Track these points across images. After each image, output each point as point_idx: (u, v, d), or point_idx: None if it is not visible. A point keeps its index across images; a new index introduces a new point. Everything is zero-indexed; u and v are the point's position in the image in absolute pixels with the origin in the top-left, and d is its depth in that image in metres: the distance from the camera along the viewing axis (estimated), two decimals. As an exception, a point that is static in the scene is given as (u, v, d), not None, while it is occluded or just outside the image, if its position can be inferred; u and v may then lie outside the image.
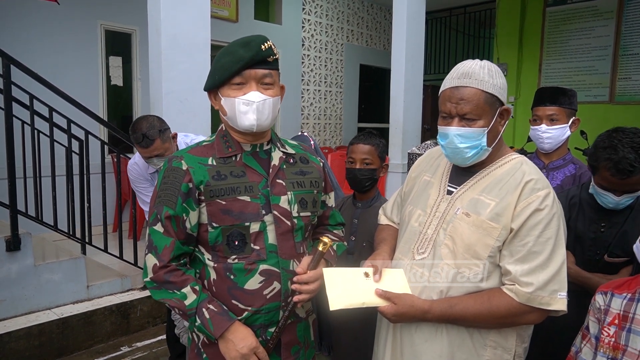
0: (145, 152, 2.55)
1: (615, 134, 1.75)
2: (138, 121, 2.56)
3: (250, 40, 1.38)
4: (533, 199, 1.34)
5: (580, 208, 1.96)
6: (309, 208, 1.52)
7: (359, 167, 2.13)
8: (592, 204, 1.92)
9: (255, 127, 1.41)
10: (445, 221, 1.44)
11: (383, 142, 2.19)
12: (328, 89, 8.26)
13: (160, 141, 2.53)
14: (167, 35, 3.38)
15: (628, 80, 6.57)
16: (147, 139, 2.49)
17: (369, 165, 2.13)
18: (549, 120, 2.32)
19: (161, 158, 2.57)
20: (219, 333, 1.36)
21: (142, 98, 5.72)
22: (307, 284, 1.42)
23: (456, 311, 1.35)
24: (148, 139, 2.49)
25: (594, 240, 1.89)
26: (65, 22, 5.08)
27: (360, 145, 2.15)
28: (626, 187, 1.75)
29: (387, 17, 9.12)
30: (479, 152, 1.41)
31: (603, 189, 1.81)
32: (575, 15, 6.89)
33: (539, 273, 1.31)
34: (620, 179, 1.71)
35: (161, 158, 2.57)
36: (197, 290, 1.40)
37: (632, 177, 1.70)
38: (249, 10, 6.92)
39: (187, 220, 1.41)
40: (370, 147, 2.14)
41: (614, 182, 1.75)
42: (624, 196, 1.78)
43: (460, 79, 1.38)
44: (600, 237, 1.88)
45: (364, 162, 2.13)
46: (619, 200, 1.79)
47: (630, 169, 1.68)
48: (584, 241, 1.92)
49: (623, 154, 1.68)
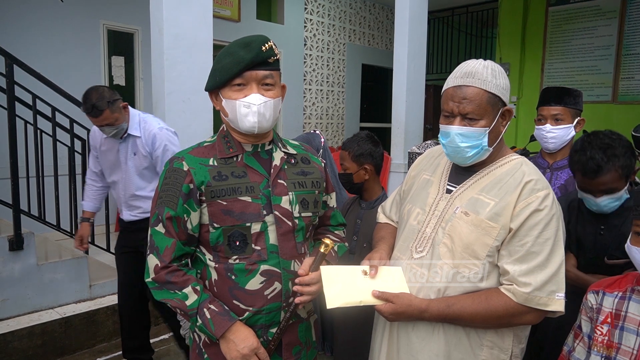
0: (96, 122, 2.72)
1: (588, 138, 1.81)
2: (89, 92, 2.70)
3: (251, 41, 1.38)
4: (532, 200, 1.34)
5: (579, 211, 1.96)
6: (310, 208, 1.52)
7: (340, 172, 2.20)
8: None
9: (256, 129, 1.41)
10: (444, 220, 1.44)
11: (365, 146, 2.18)
12: (330, 89, 8.26)
13: (110, 111, 2.68)
14: (170, 35, 3.38)
15: (631, 80, 6.55)
16: (96, 109, 2.64)
17: (346, 170, 2.17)
18: (554, 120, 2.32)
19: (112, 127, 2.74)
20: (220, 333, 1.37)
21: (145, 98, 5.73)
22: (309, 285, 1.43)
23: (454, 310, 1.35)
24: (97, 109, 2.64)
25: (593, 243, 1.89)
26: (67, 21, 5.10)
27: (341, 151, 2.22)
28: (600, 187, 1.77)
29: (389, 17, 9.11)
30: (480, 152, 1.41)
31: (583, 192, 1.84)
32: (577, 14, 6.87)
33: (537, 273, 1.32)
34: (590, 179, 1.76)
35: (112, 127, 2.74)
36: (198, 290, 1.40)
37: (600, 177, 1.74)
38: (251, 9, 6.92)
39: (189, 221, 1.41)
40: (345, 152, 2.19)
41: (586, 183, 1.79)
42: (604, 198, 1.79)
43: (463, 78, 1.38)
44: (599, 239, 1.88)
45: (342, 167, 2.18)
46: (599, 202, 1.80)
47: (595, 168, 1.73)
48: (584, 244, 1.92)
49: (590, 155, 1.74)
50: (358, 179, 2.18)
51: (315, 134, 2.61)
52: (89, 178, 3.12)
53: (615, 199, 1.80)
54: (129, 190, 2.92)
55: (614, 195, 1.79)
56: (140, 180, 2.91)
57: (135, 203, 2.94)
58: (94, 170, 3.09)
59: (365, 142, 2.18)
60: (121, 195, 2.96)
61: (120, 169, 2.92)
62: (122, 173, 2.91)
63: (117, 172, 2.94)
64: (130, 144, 2.87)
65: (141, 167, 2.89)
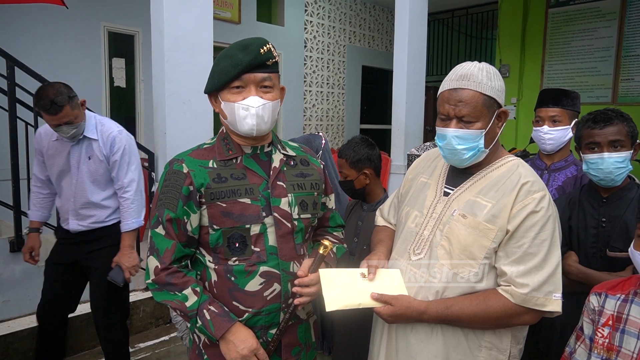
0: (54, 120, 2.45)
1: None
2: (44, 88, 2.46)
3: (250, 43, 1.40)
4: (529, 201, 1.35)
5: (580, 205, 1.97)
6: (309, 210, 1.53)
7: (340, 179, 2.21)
8: (592, 200, 1.93)
9: (254, 132, 1.43)
10: (441, 222, 1.45)
11: (361, 151, 2.18)
12: (330, 91, 8.27)
13: (70, 108, 2.45)
14: (170, 37, 3.40)
15: (631, 82, 6.55)
16: (56, 105, 2.40)
17: (346, 178, 2.18)
18: (551, 122, 2.33)
19: (71, 125, 2.49)
20: (219, 334, 1.38)
21: (145, 99, 5.74)
22: (308, 286, 1.44)
23: (452, 312, 1.36)
24: (57, 105, 2.40)
25: (596, 237, 1.89)
26: (68, 24, 5.11)
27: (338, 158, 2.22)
28: (609, 137, 1.80)
29: (389, 19, 9.13)
30: (477, 154, 1.42)
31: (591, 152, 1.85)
32: (577, 16, 6.88)
33: (535, 274, 1.32)
34: (600, 128, 1.81)
35: (71, 125, 2.49)
36: (198, 291, 1.41)
37: (610, 126, 1.80)
38: (252, 11, 6.93)
39: (188, 222, 1.43)
40: (342, 160, 2.19)
41: (595, 134, 1.82)
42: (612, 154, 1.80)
43: (458, 81, 1.39)
44: (601, 232, 1.88)
45: (341, 175, 2.19)
46: (607, 158, 1.80)
47: (605, 118, 1.81)
48: (586, 238, 1.92)
49: (601, 111, 1.86)
50: (359, 185, 2.18)
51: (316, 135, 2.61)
52: (34, 185, 2.81)
53: (622, 159, 1.80)
54: (80, 198, 2.66)
55: (620, 154, 1.80)
56: (93, 187, 2.66)
57: (87, 212, 2.68)
58: (39, 177, 2.76)
59: (361, 146, 2.18)
60: (70, 203, 2.68)
61: (69, 174, 2.66)
62: (73, 179, 2.65)
63: (66, 178, 2.68)
64: (85, 147, 2.63)
65: (96, 173, 2.66)
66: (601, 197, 1.91)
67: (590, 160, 1.85)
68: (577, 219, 1.96)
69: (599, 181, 1.87)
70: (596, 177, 1.86)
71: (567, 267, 1.89)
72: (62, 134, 2.53)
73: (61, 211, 2.77)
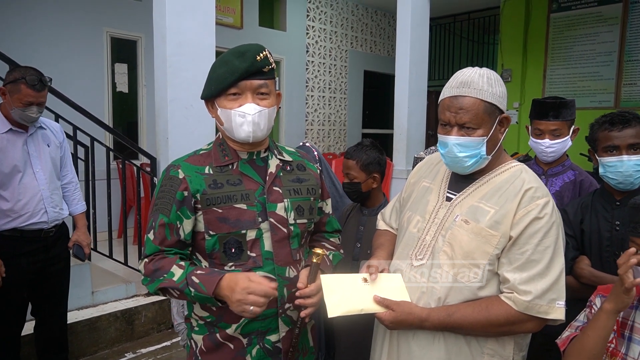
0: (33, 97, 2.48)
1: None
2: (24, 67, 2.54)
3: (246, 50, 1.40)
4: (532, 207, 1.34)
5: (592, 209, 1.95)
6: (305, 215, 1.53)
7: (345, 181, 2.18)
8: (605, 204, 1.92)
9: (251, 139, 1.43)
10: (444, 228, 1.44)
11: (372, 154, 2.16)
12: (332, 95, 8.27)
13: (47, 91, 2.59)
14: (173, 42, 3.41)
15: (633, 86, 6.54)
16: (42, 84, 2.50)
17: (353, 180, 2.16)
18: (553, 135, 2.29)
19: (40, 107, 2.55)
20: (211, 289, 1.32)
21: (148, 105, 5.75)
22: (310, 297, 1.42)
23: (454, 319, 1.35)
24: (43, 83, 2.51)
25: (610, 240, 1.87)
26: (71, 29, 5.14)
27: (345, 160, 2.20)
28: (628, 140, 1.77)
29: (391, 24, 9.14)
30: (479, 161, 1.41)
31: (609, 155, 1.81)
32: (579, 21, 6.88)
33: (538, 281, 1.31)
34: (618, 130, 1.78)
35: (40, 107, 2.55)
36: (182, 265, 1.39)
37: (628, 128, 1.77)
38: (254, 17, 6.95)
39: (181, 228, 1.43)
40: (351, 162, 2.17)
41: (613, 137, 1.79)
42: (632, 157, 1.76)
43: (459, 88, 1.38)
44: (615, 235, 1.86)
45: (347, 176, 2.17)
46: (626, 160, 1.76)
47: (624, 120, 1.78)
48: (600, 242, 1.90)
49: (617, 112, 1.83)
50: (366, 188, 2.17)
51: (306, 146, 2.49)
52: None
53: None
54: (51, 184, 2.67)
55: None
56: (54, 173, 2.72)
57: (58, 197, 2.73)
58: None
59: (372, 150, 2.18)
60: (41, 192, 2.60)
61: (29, 165, 2.59)
62: (36, 167, 2.61)
63: (27, 170, 2.58)
64: (41, 136, 2.68)
65: (56, 158, 2.73)
66: (615, 200, 1.89)
67: (608, 164, 1.82)
68: (589, 223, 1.94)
69: (617, 184, 1.83)
70: (614, 180, 1.83)
71: (580, 270, 1.87)
72: (29, 114, 2.51)
73: (26, 208, 2.57)
